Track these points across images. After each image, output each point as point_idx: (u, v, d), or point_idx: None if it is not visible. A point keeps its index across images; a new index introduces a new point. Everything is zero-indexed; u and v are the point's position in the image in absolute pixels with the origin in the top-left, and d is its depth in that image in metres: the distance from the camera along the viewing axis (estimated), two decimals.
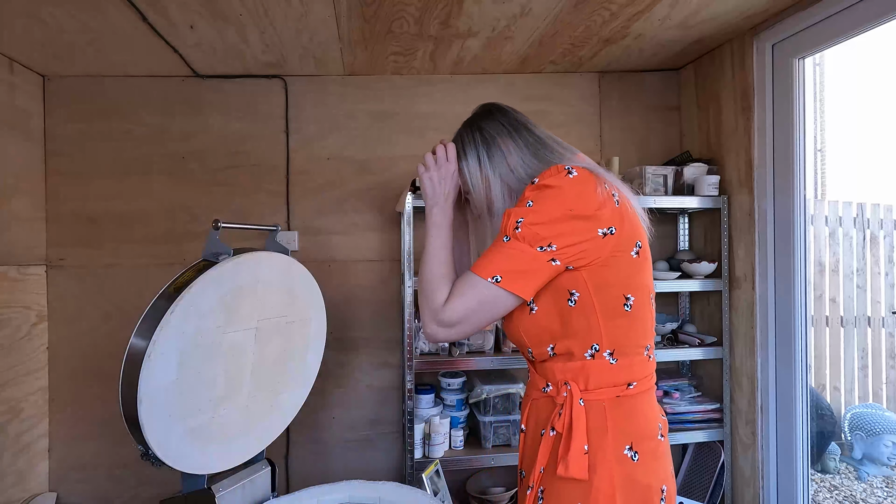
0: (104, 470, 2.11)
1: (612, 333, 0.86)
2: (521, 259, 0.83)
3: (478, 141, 1.00)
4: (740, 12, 1.72)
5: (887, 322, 3.47)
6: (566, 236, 0.82)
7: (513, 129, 0.99)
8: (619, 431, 0.86)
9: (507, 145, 0.97)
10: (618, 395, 0.87)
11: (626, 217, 0.87)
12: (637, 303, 0.87)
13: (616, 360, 0.87)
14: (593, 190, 0.84)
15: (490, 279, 0.84)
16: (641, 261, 0.88)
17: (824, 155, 5.31)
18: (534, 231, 0.82)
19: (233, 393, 1.39)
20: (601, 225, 0.83)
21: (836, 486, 2.80)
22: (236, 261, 1.35)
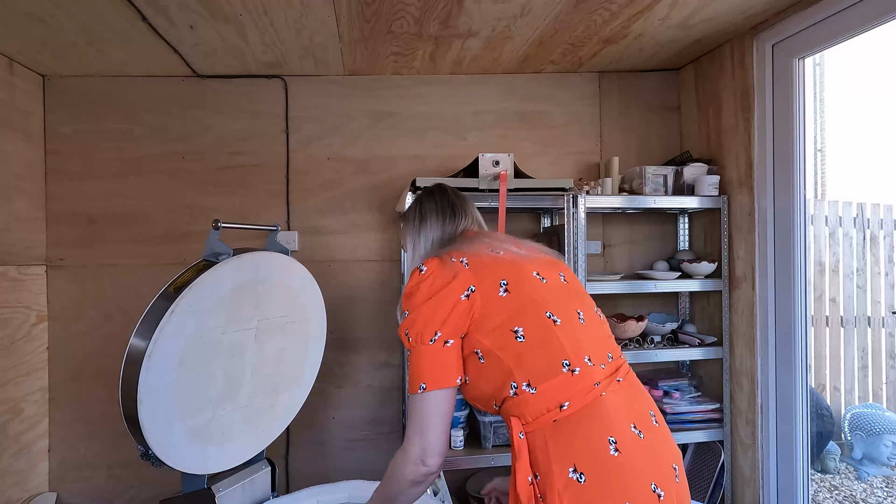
0: (104, 470, 2.11)
1: (519, 367, 0.92)
2: (426, 359, 0.94)
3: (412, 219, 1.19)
4: (740, 12, 1.72)
5: (887, 322, 3.47)
6: (438, 318, 0.94)
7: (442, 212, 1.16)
8: (560, 456, 0.87)
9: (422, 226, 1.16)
10: (555, 420, 0.90)
11: (484, 268, 0.98)
12: (529, 329, 0.94)
13: (535, 388, 0.91)
14: (440, 271, 0.98)
15: (419, 391, 0.94)
16: (515, 293, 0.97)
17: (824, 155, 5.31)
18: (418, 333, 0.95)
19: (233, 393, 1.39)
20: (459, 291, 0.95)
21: (836, 486, 2.80)
22: (236, 261, 1.35)
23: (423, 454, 0.93)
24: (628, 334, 1.99)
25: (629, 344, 2.06)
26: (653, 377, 2.15)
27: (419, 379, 0.94)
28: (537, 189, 1.90)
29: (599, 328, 1.02)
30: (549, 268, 1.05)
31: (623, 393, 0.94)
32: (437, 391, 0.93)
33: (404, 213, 1.22)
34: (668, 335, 2.13)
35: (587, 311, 1.02)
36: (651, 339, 2.09)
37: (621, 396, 0.93)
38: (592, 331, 0.99)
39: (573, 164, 2.28)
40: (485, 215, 2.21)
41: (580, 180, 2.15)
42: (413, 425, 0.94)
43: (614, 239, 2.30)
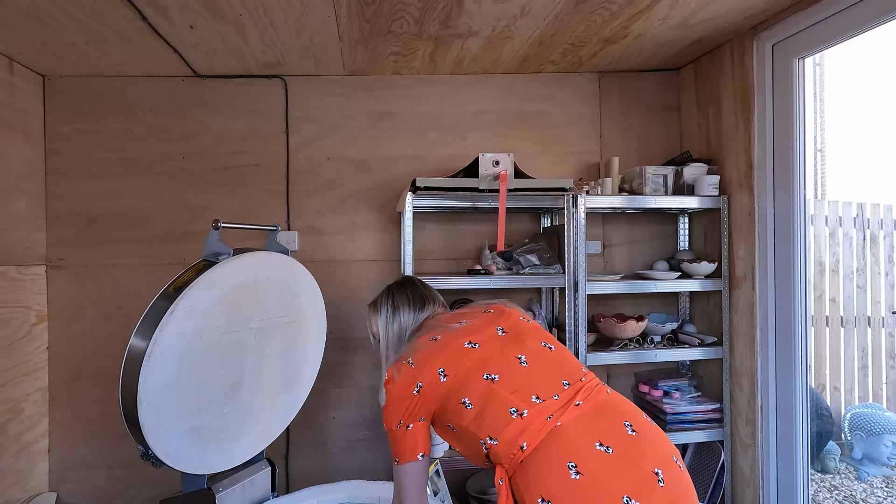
0: (104, 470, 2.11)
1: (479, 428, 1.06)
2: (398, 441, 1.14)
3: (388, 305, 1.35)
4: (740, 12, 1.72)
5: (887, 322, 3.47)
6: (400, 411, 1.13)
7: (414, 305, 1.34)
8: (529, 490, 0.97)
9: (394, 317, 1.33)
10: (521, 460, 1.01)
11: (425, 362, 1.14)
12: (475, 397, 1.08)
13: (496, 440, 1.04)
14: (395, 378, 1.16)
15: (395, 463, 1.15)
16: (452, 374, 1.12)
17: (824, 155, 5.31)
18: (388, 421, 1.15)
19: (233, 393, 1.39)
20: (411, 388, 1.13)
21: (836, 486, 2.80)
22: (236, 261, 1.35)
23: None
24: (628, 334, 1.99)
25: (629, 344, 2.06)
26: (653, 377, 2.15)
27: (395, 454, 1.15)
28: (537, 189, 1.90)
29: (548, 362, 1.13)
30: (485, 328, 1.19)
31: (584, 415, 1.02)
32: (408, 464, 1.13)
33: (374, 303, 1.37)
34: (668, 335, 2.13)
35: (531, 351, 1.15)
36: (651, 339, 2.09)
37: (582, 420, 1.01)
38: (539, 368, 1.11)
39: (573, 164, 2.28)
40: (485, 215, 2.23)
41: (580, 180, 2.15)
42: (396, 492, 1.15)
43: (614, 239, 2.30)
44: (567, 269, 1.92)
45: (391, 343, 1.32)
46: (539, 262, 1.95)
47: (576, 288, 1.92)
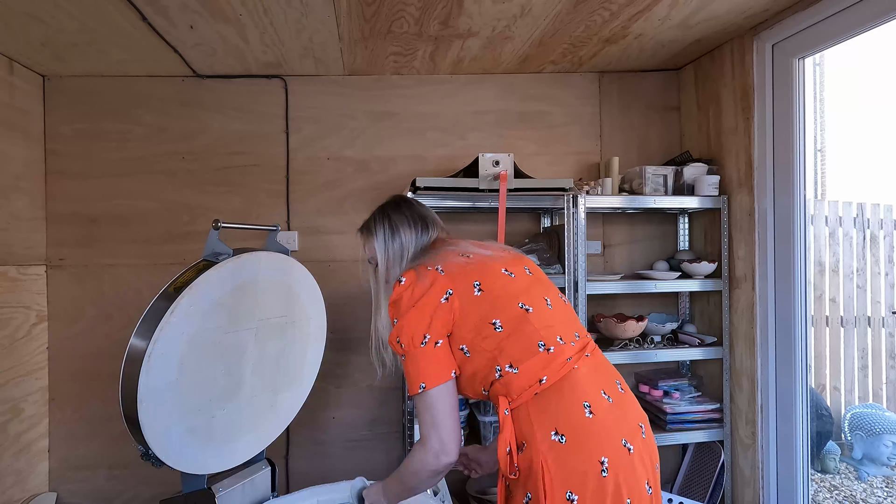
0: (104, 470, 2.11)
1: (501, 353, 1.03)
2: (421, 361, 1.03)
3: (386, 226, 1.22)
4: (740, 12, 1.72)
5: (887, 322, 3.47)
6: (424, 322, 1.03)
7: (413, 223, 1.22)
8: (543, 422, 0.99)
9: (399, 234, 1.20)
10: (535, 393, 1.01)
11: (458, 273, 1.08)
12: (507, 320, 1.05)
13: (517, 368, 1.02)
14: (418, 280, 1.07)
15: (419, 391, 1.02)
16: (487, 291, 1.07)
17: (824, 155, 5.31)
18: (409, 337, 1.03)
19: (233, 393, 1.39)
20: (438, 296, 1.04)
21: (836, 486, 2.80)
22: (236, 261, 1.35)
23: (442, 446, 1.01)
24: (628, 334, 1.99)
25: (629, 344, 2.06)
26: (653, 377, 2.15)
27: (418, 379, 1.02)
28: (537, 189, 1.90)
29: (566, 311, 1.14)
30: (515, 263, 1.15)
31: (592, 365, 1.07)
32: (438, 387, 1.02)
33: (367, 227, 1.25)
34: (668, 335, 2.13)
35: (553, 298, 1.14)
36: (651, 339, 2.09)
37: (591, 368, 1.07)
38: (560, 314, 1.11)
39: (573, 164, 2.28)
40: (485, 215, 2.23)
41: (580, 180, 2.15)
42: (425, 422, 1.02)
43: (614, 239, 2.30)
44: (567, 269, 1.92)
45: (392, 266, 1.21)
46: (539, 262, 1.95)
47: (576, 288, 1.92)
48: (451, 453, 1.02)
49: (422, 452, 1.02)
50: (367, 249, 1.25)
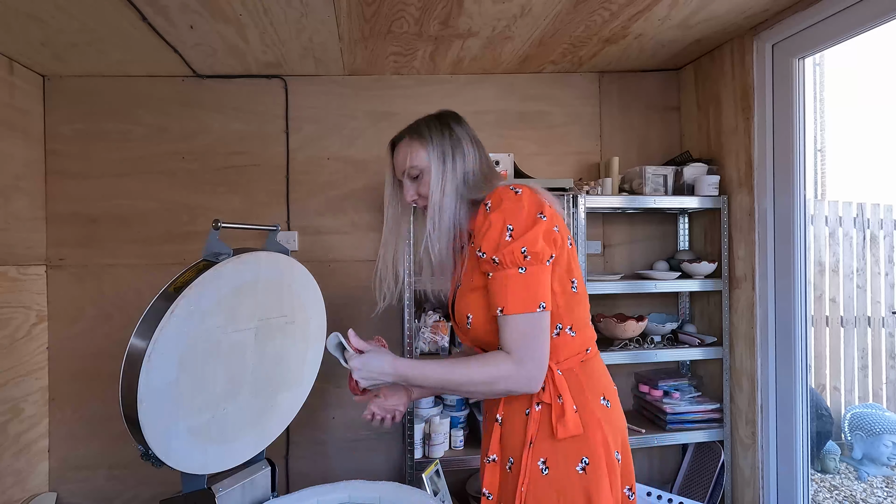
0: (104, 470, 2.11)
1: (568, 313, 1.02)
2: (543, 278, 0.96)
3: (446, 136, 1.09)
4: (740, 12, 1.72)
5: (887, 322, 3.47)
6: (550, 240, 0.97)
7: (475, 142, 1.12)
8: (592, 388, 1.02)
9: (469, 153, 1.09)
10: (582, 360, 1.04)
11: (558, 215, 1.03)
12: (578, 284, 1.04)
13: (574, 333, 1.03)
14: (540, 199, 1.00)
15: (538, 310, 0.94)
16: (572, 250, 1.05)
17: (824, 155, 5.31)
18: (537, 252, 0.94)
19: (233, 393, 1.39)
20: (553, 223, 0.98)
21: (836, 486, 2.80)
22: (236, 261, 1.35)
23: (538, 373, 0.95)
24: (628, 334, 1.99)
25: (629, 344, 2.06)
26: (653, 377, 2.15)
27: (537, 298, 0.93)
28: None
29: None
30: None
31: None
32: (546, 312, 0.95)
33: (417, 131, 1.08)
34: (668, 335, 2.13)
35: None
36: (651, 339, 2.09)
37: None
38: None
39: (573, 164, 2.28)
40: None
41: (580, 180, 2.15)
42: (527, 346, 0.94)
43: (614, 239, 2.30)
44: None
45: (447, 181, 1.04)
46: None
47: None
48: (538, 384, 0.96)
49: (512, 368, 0.94)
50: (411, 158, 1.08)
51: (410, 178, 1.10)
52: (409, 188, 1.11)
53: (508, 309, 0.94)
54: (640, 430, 1.99)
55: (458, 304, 1.06)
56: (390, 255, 1.18)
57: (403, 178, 1.12)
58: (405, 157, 1.10)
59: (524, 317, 0.94)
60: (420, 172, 1.08)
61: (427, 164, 1.07)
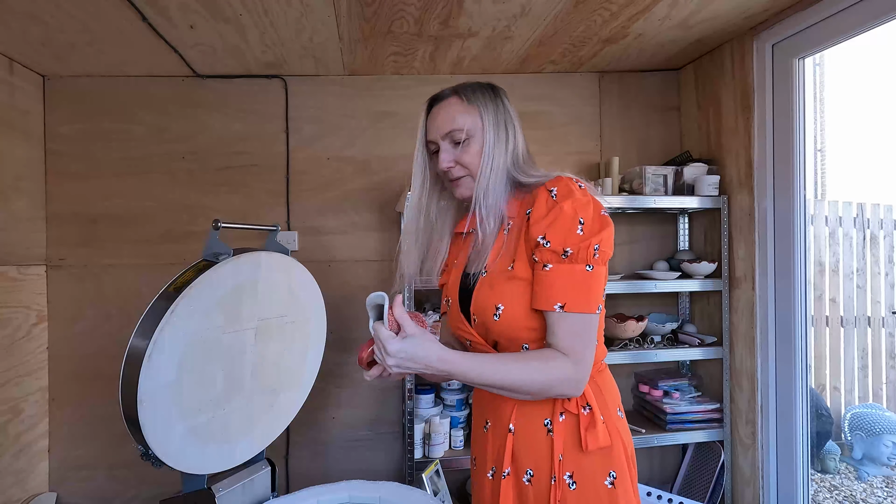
0: (104, 470, 2.11)
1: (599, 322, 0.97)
2: (604, 281, 0.92)
3: (499, 105, 0.99)
4: (740, 12, 1.72)
5: (887, 322, 3.47)
6: (607, 235, 0.91)
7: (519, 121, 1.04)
8: (610, 398, 1.00)
9: (518, 130, 1.02)
10: (599, 370, 1.01)
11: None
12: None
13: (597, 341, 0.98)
14: (594, 192, 0.96)
15: (596, 311, 0.89)
16: None
17: (824, 155, 5.31)
18: (604, 251, 0.90)
19: (233, 393, 1.39)
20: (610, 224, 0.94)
21: (836, 486, 2.80)
22: (236, 261, 1.35)
23: (586, 378, 0.90)
24: (628, 334, 1.99)
25: (629, 344, 2.06)
26: (653, 377, 2.15)
27: (598, 299, 0.89)
28: None
29: None
30: None
31: None
32: (599, 315, 0.91)
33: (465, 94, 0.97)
34: (668, 335, 2.13)
35: None
36: (651, 339, 2.09)
37: None
38: None
39: (573, 164, 2.28)
40: None
41: None
42: (583, 347, 0.88)
43: (614, 239, 2.30)
44: None
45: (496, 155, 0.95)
46: None
47: None
48: (582, 389, 0.90)
49: (571, 370, 0.87)
50: (458, 119, 0.95)
51: (452, 142, 0.97)
52: (448, 153, 0.97)
53: (570, 306, 0.87)
54: (641, 430, 1.99)
55: (481, 293, 0.95)
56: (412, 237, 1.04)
57: (442, 141, 0.97)
58: (450, 116, 0.96)
59: (583, 317, 0.88)
60: (466, 138, 0.95)
61: (476, 129, 0.96)
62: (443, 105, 0.99)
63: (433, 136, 1.00)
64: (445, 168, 0.98)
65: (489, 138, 0.96)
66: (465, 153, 0.97)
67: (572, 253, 0.87)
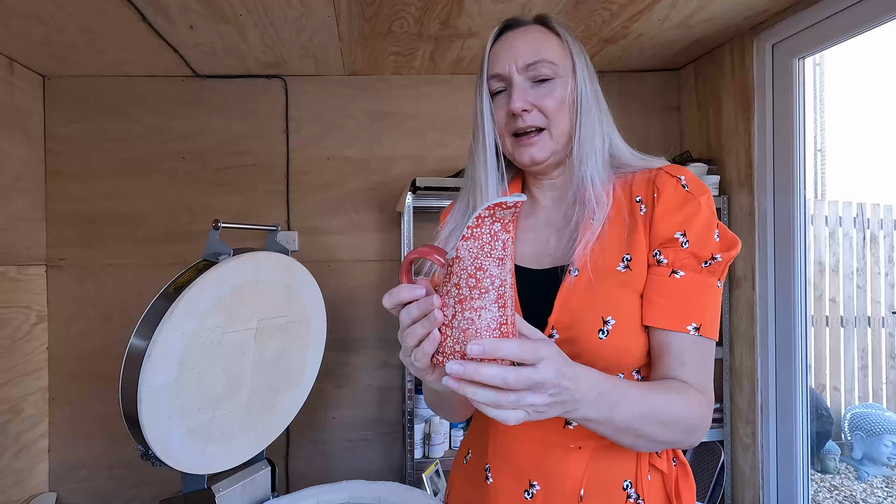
0: (104, 470, 2.11)
1: None
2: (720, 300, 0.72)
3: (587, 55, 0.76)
4: (740, 12, 1.72)
5: (887, 322, 3.47)
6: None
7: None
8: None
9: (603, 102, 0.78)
10: None
11: None
12: None
13: None
14: None
15: (713, 336, 0.69)
16: None
17: (824, 155, 5.31)
18: (727, 262, 0.70)
19: (233, 393, 1.39)
20: None
21: (836, 486, 2.80)
22: (236, 261, 1.35)
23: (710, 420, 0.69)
24: None
25: None
26: None
27: (716, 322, 0.69)
28: None
29: None
30: None
31: None
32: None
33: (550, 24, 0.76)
34: None
35: None
36: None
37: None
38: None
39: None
40: None
41: None
42: (711, 382, 0.69)
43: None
44: None
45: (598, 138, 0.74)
46: None
47: None
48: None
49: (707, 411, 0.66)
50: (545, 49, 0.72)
51: (532, 80, 0.73)
52: (525, 92, 0.72)
53: (706, 329, 0.67)
54: None
55: (576, 299, 0.70)
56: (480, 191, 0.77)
57: (517, 75, 0.72)
58: (534, 44, 0.73)
59: (713, 345, 0.69)
60: (554, 75, 0.72)
61: (566, 69, 0.73)
62: (521, 31, 0.75)
63: (503, 69, 0.73)
64: (519, 109, 0.71)
65: (585, 87, 0.73)
66: (549, 96, 0.72)
67: (713, 263, 0.68)
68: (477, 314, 0.48)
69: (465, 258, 0.48)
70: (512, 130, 0.74)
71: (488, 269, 0.48)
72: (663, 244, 0.69)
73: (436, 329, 0.50)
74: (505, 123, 0.75)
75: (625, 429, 0.60)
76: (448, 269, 0.49)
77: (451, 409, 0.74)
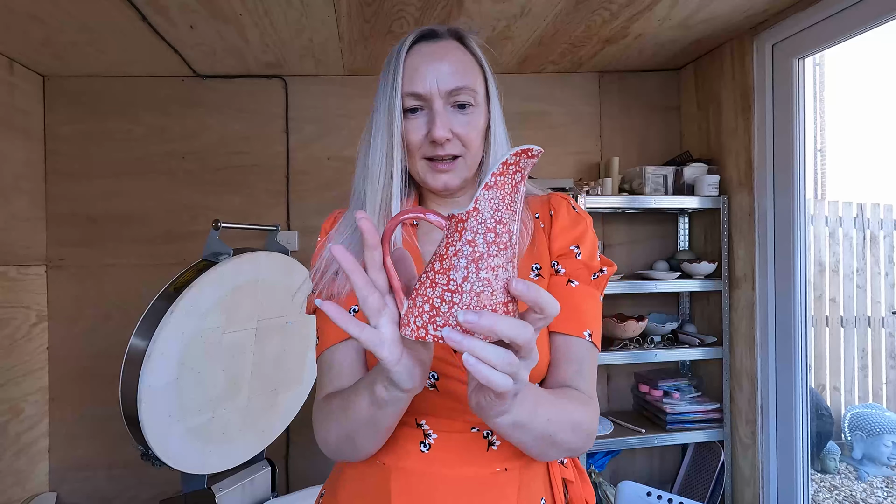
0: (104, 470, 2.11)
1: None
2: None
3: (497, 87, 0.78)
4: (740, 12, 1.72)
5: (887, 322, 3.46)
6: None
7: None
8: None
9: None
10: None
11: None
12: None
13: None
14: None
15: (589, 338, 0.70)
16: None
17: (824, 155, 5.31)
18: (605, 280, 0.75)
19: (233, 393, 1.39)
20: None
21: (836, 486, 2.80)
22: (236, 261, 1.35)
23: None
24: (628, 334, 1.99)
25: (629, 344, 2.06)
26: (653, 377, 2.15)
27: (600, 332, 0.72)
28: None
29: None
30: None
31: None
32: None
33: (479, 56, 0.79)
34: (668, 335, 2.13)
35: None
36: (651, 339, 2.09)
37: None
38: None
39: (573, 164, 2.28)
40: None
41: (580, 180, 2.15)
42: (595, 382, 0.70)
43: (614, 239, 2.30)
44: None
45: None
46: None
47: None
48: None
49: (597, 415, 0.67)
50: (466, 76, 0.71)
51: (453, 105, 0.70)
52: (447, 119, 0.68)
53: (595, 337, 0.69)
54: (641, 430, 1.99)
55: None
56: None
57: (438, 99, 0.68)
58: (458, 67, 0.70)
59: (593, 351, 0.70)
60: (474, 103, 0.70)
61: (481, 96, 0.72)
62: (440, 47, 0.71)
63: (424, 89, 0.68)
64: (442, 139, 0.67)
65: (496, 114, 0.74)
66: (469, 125, 0.70)
67: (599, 276, 0.72)
68: (493, 273, 0.43)
69: (484, 210, 0.43)
70: (427, 155, 0.71)
71: (507, 223, 0.44)
72: (561, 256, 0.73)
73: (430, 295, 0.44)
74: (419, 146, 0.70)
75: (542, 434, 0.58)
76: (454, 229, 0.45)
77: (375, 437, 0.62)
